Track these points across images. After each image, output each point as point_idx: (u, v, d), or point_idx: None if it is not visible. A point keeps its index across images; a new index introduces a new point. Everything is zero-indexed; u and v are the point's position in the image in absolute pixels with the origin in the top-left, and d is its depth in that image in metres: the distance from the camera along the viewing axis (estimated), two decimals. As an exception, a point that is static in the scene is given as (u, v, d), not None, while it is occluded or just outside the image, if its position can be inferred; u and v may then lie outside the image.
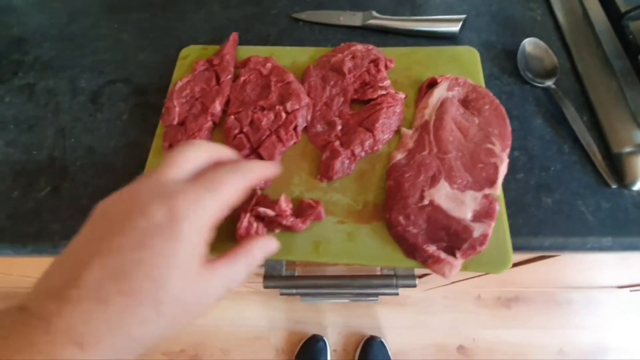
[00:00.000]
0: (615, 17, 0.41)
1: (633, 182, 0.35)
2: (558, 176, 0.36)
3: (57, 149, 0.42)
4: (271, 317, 1.28)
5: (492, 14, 0.46)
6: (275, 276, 0.48)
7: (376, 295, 0.77)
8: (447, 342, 1.23)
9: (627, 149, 0.36)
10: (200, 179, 0.24)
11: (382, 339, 1.18)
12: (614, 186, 0.35)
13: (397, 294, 0.54)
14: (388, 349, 1.18)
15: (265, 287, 0.48)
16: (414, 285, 0.46)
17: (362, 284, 0.47)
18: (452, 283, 0.97)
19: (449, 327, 1.25)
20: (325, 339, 1.21)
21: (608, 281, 1.05)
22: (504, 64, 0.42)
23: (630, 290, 1.06)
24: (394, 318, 1.26)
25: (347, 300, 1.07)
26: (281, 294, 0.61)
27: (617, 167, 0.36)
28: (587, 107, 0.39)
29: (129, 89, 0.45)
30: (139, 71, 0.46)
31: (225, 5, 0.51)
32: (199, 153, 0.26)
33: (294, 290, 0.60)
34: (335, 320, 1.26)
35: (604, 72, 0.40)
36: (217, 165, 0.26)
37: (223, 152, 0.28)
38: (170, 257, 0.21)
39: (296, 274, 0.52)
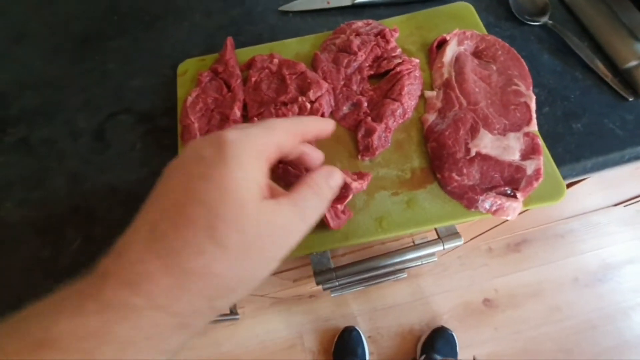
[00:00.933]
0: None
1: (646, 92, 0.37)
2: (580, 102, 0.38)
3: (75, 197, 0.40)
4: (297, 323, 1.27)
5: (471, -34, 0.48)
6: (325, 270, 0.48)
7: (416, 265, 0.77)
8: (472, 299, 1.27)
9: (633, 63, 0.38)
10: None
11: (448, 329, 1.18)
12: (630, 99, 0.37)
13: (436, 260, 0.55)
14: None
15: (318, 282, 0.47)
16: (461, 242, 0.47)
17: (410, 257, 0.48)
18: (464, 243, 1.01)
19: (469, 284, 1.29)
20: (357, 328, 1.22)
21: (601, 202, 1.12)
22: (497, 11, 0.44)
23: (624, 206, 1.13)
24: (415, 290, 1.29)
25: (374, 283, 1.08)
26: (324, 289, 0.61)
27: (628, 81, 0.38)
28: (585, 33, 0.41)
29: (134, 118, 0.43)
30: (138, 98, 0.44)
31: (207, 14, 0.49)
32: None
33: (339, 282, 0.59)
34: (361, 307, 1.27)
35: (589, -2, 0.42)
36: None
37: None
38: (220, 182, 0.19)
39: (332, 265, 0.51)
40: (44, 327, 0.17)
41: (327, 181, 0.24)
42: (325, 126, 0.27)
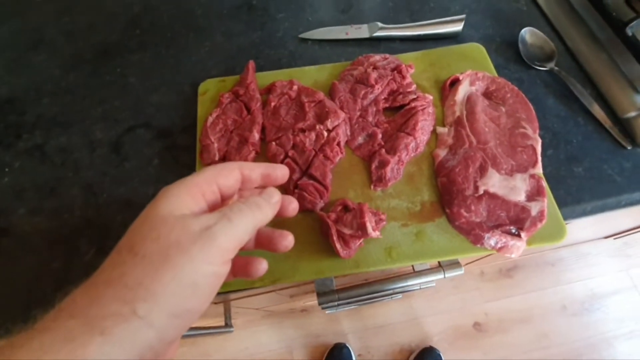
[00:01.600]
0: (593, -2, 0.46)
1: (643, 141, 0.39)
2: (582, 147, 0.40)
3: (89, 209, 0.40)
4: (288, 337, 1.26)
5: (483, 10, 0.50)
6: (328, 291, 0.49)
7: (415, 289, 0.78)
8: (463, 322, 1.28)
9: (632, 114, 0.40)
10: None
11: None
12: (628, 147, 0.40)
13: (434, 286, 0.57)
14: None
15: (321, 303, 0.48)
16: (461, 272, 0.48)
17: (412, 283, 0.49)
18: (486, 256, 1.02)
19: (461, 307, 1.30)
20: (348, 345, 1.21)
21: (592, 234, 1.15)
22: (507, 54, 0.46)
23: (615, 238, 1.16)
24: (407, 311, 1.29)
25: (381, 300, 1.09)
26: (323, 308, 0.61)
27: (627, 130, 0.40)
28: (588, 81, 0.44)
29: (152, 134, 0.44)
30: (157, 113, 0.45)
31: (228, 35, 0.51)
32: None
33: (339, 302, 0.60)
34: (352, 325, 1.27)
35: (594, 46, 0.45)
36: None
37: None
38: (145, 212, 0.23)
39: (335, 287, 0.52)
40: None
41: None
42: (276, 173, 0.28)
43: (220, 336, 1.21)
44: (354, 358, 1.20)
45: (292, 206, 0.28)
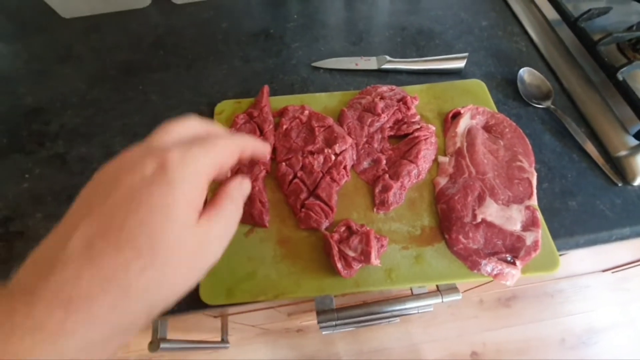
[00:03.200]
0: (589, 43, 0.49)
1: (633, 179, 0.41)
2: (576, 182, 0.42)
3: (105, 216, 0.42)
4: (282, 356, 1.25)
5: (486, 48, 0.54)
6: (327, 310, 0.50)
7: (413, 313, 0.79)
8: (460, 350, 1.26)
9: (622, 153, 0.43)
10: (191, 139, 0.23)
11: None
12: (619, 184, 0.42)
13: (432, 310, 0.57)
14: None
15: (320, 322, 0.49)
16: (459, 297, 0.49)
17: (410, 305, 0.50)
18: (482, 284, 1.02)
19: (458, 335, 1.29)
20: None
21: (592, 267, 1.16)
22: (506, 91, 0.49)
23: (613, 272, 1.16)
24: (404, 336, 1.28)
25: (379, 322, 1.08)
26: (321, 328, 0.62)
27: (618, 168, 0.42)
28: (582, 120, 0.46)
29: (168, 148, 0.46)
30: (174, 129, 0.48)
31: (246, 59, 0.54)
32: (191, 124, 0.25)
33: (337, 322, 0.60)
34: (347, 348, 1.26)
35: (587, 88, 0.48)
36: None
37: (214, 128, 0.27)
38: (163, 206, 0.20)
39: (335, 306, 0.53)
40: None
41: (239, 192, 0.26)
42: (262, 148, 0.29)
43: (212, 353, 1.20)
44: None
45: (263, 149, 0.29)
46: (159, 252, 0.20)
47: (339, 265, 0.35)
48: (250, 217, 0.38)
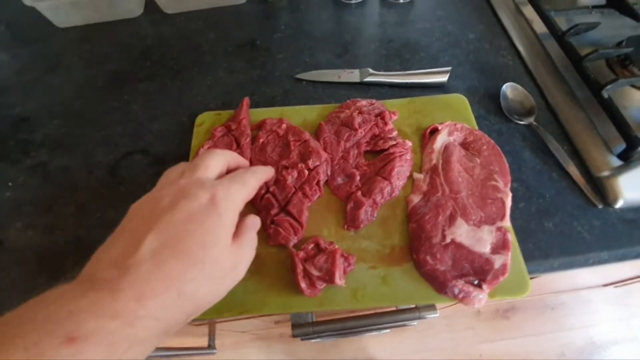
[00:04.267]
0: (575, 59, 0.48)
1: (615, 201, 0.40)
2: (554, 201, 0.41)
3: (81, 228, 0.42)
4: (276, 362, 1.25)
5: (471, 62, 0.53)
6: (303, 324, 0.50)
7: (396, 326, 0.79)
8: (455, 361, 1.24)
9: (605, 173, 0.42)
10: (229, 176, 0.31)
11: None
12: (599, 206, 0.41)
13: (415, 324, 0.57)
14: None
15: (295, 335, 0.49)
16: (436, 315, 0.49)
17: (388, 320, 0.49)
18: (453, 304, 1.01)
19: (454, 346, 1.27)
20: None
21: (593, 281, 1.13)
22: (488, 106, 0.48)
23: (615, 287, 1.13)
24: (398, 346, 1.27)
25: (358, 335, 1.07)
26: (302, 340, 0.62)
27: (599, 188, 0.41)
28: (565, 137, 0.45)
29: (148, 160, 0.47)
30: (155, 141, 0.48)
31: (230, 71, 0.55)
32: (221, 159, 0.33)
33: (312, 336, 0.60)
34: (342, 356, 1.25)
35: (572, 105, 0.47)
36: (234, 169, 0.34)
37: (235, 158, 0.35)
38: (213, 229, 0.26)
39: (315, 318, 0.53)
40: (75, 324, 0.21)
41: (254, 225, 0.33)
42: (271, 173, 0.37)
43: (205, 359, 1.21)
44: None
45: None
46: (206, 264, 0.25)
47: (303, 284, 0.35)
48: (220, 232, 0.38)
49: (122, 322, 0.22)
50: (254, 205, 0.41)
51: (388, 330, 0.98)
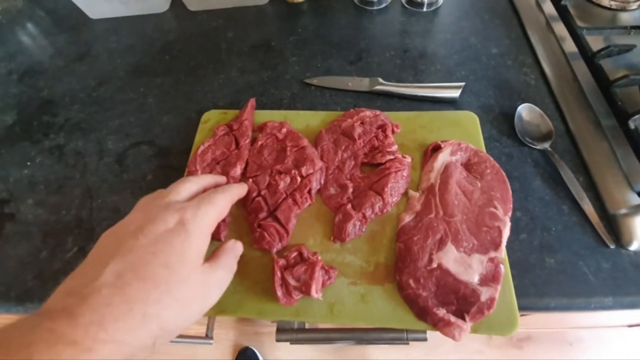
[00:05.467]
0: (603, 83, 0.44)
1: (630, 243, 0.37)
2: (559, 237, 0.38)
3: (84, 210, 0.45)
4: (276, 357, 1.25)
5: (489, 78, 0.50)
6: (288, 329, 0.49)
7: (383, 344, 0.77)
8: (459, 385, 1.20)
9: (622, 211, 0.38)
10: (198, 197, 0.31)
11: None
12: (612, 246, 0.37)
13: (407, 344, 0.55)
14: None
15: (278, 340, 0.49)
16: (425, 339, 0.47)
17: (373, 337, 0.48)
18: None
19: (460, 369, 1.22)
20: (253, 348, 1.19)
21: (618, 320, 1.04)
22: (502, 127, 0.46)
23: (642, 330, 1.04)
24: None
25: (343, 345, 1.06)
26: (291, 344, 0.61)
27: (614, 227, 0.38)
28: (582, 168, 0.42)
29: (153, 151, 0.48)
30: (162, 134, 0.50)
31: (242, 71, 0.55)
32: (194, 185, 0.33)
33: (294, 342, 0.59)
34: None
35: (596, 133, 0.43)
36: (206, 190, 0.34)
37: (208, 180, 0.36)
38: (180, 250, 0.26)
39: (306, 326, 0.52)
40: (26, 355, 0.20)
41: (235, 251, 0.33)
42: (243, 191, 0.37)
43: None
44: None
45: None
46: (172, 285, 0.25)
47: (279, 293, 0.34)
48: (207, 230, 0.39)
49: (79, 349, 0.21)
50: (244, 208, 0.41)
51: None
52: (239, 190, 0.36)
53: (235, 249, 0.33)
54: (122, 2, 0.61)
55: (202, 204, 0.30)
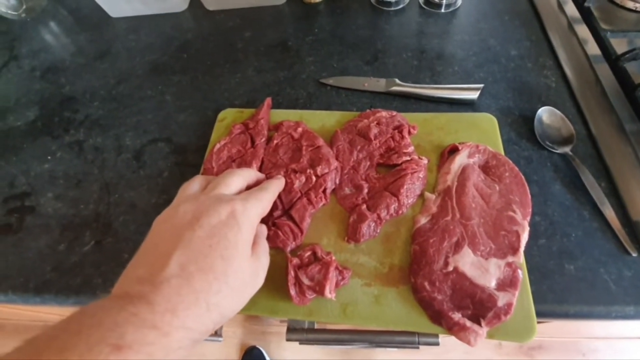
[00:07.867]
0: (628, 87, 0.43)
1: (654, 251, 0.36)
2: (580, 243, 0.37)
3: (102, 205, 0.45)
4: (282, 356, 1.25)
5: (509, 80, 0.49)
6: (298, 329, 0.49)
7: (394, 348, 0.76)
8: (467, 393, 1.18)
9: (647, 218, 0.37)
10: (246, 192, 0.34)
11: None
12: (634, 254, 0.36)
13: (417, 348, 0.54)
14: None
15: (288, 339, 0.49)
16: (437, 344, 0.46)
17: (384, 340, 0.47)
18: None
19: (469, 376, 1.20)
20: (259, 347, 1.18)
21: (635, 332, 1.01)
22: (521, 130, 0.45)
23: (661, 343, 1.01)
24: (411, 363, 1.22)
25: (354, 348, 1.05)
26: (301, 344, 0.61)
27: (636, 234, 0.37)
28: (604, 173, 0.41)
29: (170, 148, 0.49)
30: (179, 131, 0.50)
31: (259, 70, 0.56)
32: (241, 179, 0.35)
33: (305, 342, 0.59)
34: (350, 362, 1.23)
35: (619, 138, 0.42)
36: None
37: (252, 176, 0.37)
38: (234, 242, 0.28)
39: (316, 326, 0.52)
40: (119, 334, 0.22)
41: (263, 234, 0.36)
42: (282, 185, 0.39)
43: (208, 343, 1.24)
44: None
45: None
46: (229, 276, 0.27)
47: (292, 292, 0.34)
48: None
49: (159, 333, 0.23)
50: (259, 205, 0.41)
51: (395, 349, 0.95)
52: (280, 186, 0.38)
53: (262, 231, 0.35)
54: (142, 2, 0.62)
55: (250, 198, 0.32)
